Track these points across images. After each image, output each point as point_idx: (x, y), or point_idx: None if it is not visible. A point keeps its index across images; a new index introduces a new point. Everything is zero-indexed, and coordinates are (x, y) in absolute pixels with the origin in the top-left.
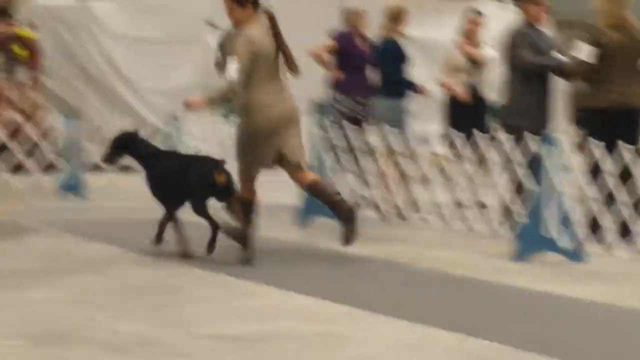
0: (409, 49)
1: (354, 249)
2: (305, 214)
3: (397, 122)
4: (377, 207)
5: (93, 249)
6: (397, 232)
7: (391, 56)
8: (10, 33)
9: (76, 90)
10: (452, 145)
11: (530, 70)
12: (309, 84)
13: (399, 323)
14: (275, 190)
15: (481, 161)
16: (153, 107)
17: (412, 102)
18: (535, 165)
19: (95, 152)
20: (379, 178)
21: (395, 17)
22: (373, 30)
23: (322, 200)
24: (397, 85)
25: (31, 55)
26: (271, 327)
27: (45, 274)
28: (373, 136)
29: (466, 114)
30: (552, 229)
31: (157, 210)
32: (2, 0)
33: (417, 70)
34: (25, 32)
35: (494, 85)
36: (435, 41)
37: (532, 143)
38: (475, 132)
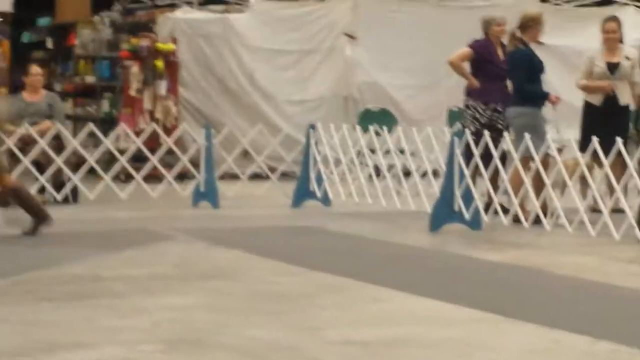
0: (545, 57)
1: (487, 254)
2: (436, 220)
3: (533, 129)
4: (512, 213)
5: (225, 256)
6: (531, 237)
7: (523, 65)
8: (151, 47)
9: (213, 101)
10: (589, 151)
11: None
12: (447, 91)
13: (529, 327)
14: (406, 196)
15: (619, 167)
16: (289, 117)
17: (549, 109)
18: None
19: (230, 161)
20: (515, 184)
21: (528, 25)
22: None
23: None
24: (531, 93)
25: (170, 68)
26: (401, 333)
27: (179, 280)
28: (509, 143)
29: (604, 120)
30: None
31: (288, 217)
32: (144, 15)
33: (556, 78)
34: (165, 45)
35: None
36: (574, 48)
37: None
38: (612, 137)
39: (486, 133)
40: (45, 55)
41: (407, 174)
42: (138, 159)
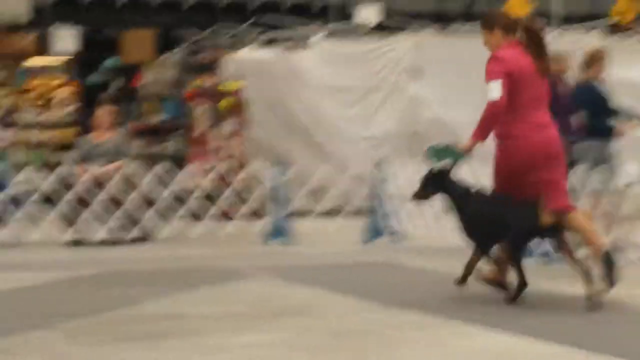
0: (612, 91)
1: (563, 288)
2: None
3: (602, 162)
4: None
5: (301, 293)
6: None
7: (589, 99)
8: (217, 87)
9: (280, 138)
10: None
11: None
12: None
13: None
14: None
15: None
16: (356, 154)
17: (617, 142)
18: None
19: (299, 198)
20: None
21: (592, 60)
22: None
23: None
24: (598, 127)
25: (236, 106)
26: None
27: (257, 317)
28: (579, 177)
29: None
30: None
31: (360, 254)
32: (209, 55)
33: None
34: (231, 84)
35: None
36: None
37: None
38: None
39: None
40: (112, 96)
41: None
42: (208, 198)
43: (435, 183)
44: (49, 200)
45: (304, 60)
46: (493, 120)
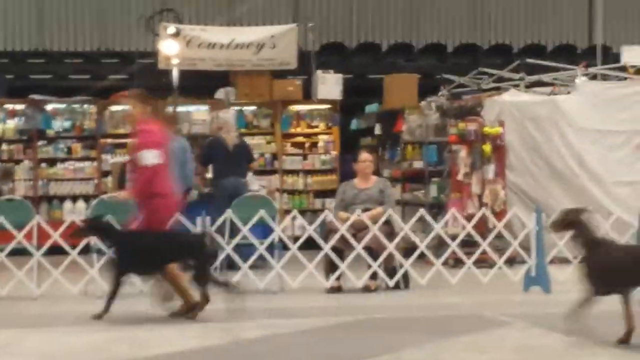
0: None
1: None
2: None
3: None
4: None
5: (562, 342)
6: None
7: None
8: (479, 131)
9: (541, 184)
10: None
11: None
12: None
13: None
14: None
15: None
16: (619, 199)
17: None
18: None
19: (561, 245)
20: None
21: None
22: None
23: None
24: None
25: (497, 151)
26: None
27: None
28: None
29: None
30: None
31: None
32: (471, 99)
33: None
34: (493, 129)
35: None
36: None
37: None
38: None
39: None
40: (373, 142)
41: None
42: (467, 244)
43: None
44: (311, 246)
45: (568, 103)
46: None
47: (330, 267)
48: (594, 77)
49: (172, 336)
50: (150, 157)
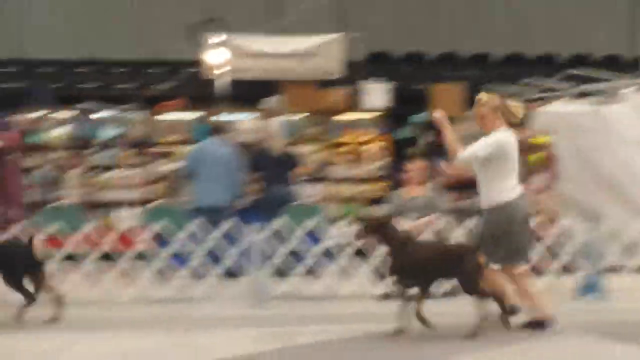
0: None
1: None
2: None
3: None
4: None
5: (614, 350)
6: None
7: None
8: (527, 141)
9: (591, 194)
10: None
11: None
12: None
13: None
14: None
15: None
16: None
17: None
18: None
19: (612, 254)
20: None
21: None
22: None
23: None
24: None
25: (546, 161)
26: None
27: None
28: None
29: None
30: None
31: None
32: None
33: None
34: (541, 138)
35: None
36: None
37: None
38: None
39: None
40: (421, 151)
41: None
42: None
43: None
44: (361, 253)
45: (615, 114)
46: None
47: (382, 274)
48: None
49: (228, 341)
50: None
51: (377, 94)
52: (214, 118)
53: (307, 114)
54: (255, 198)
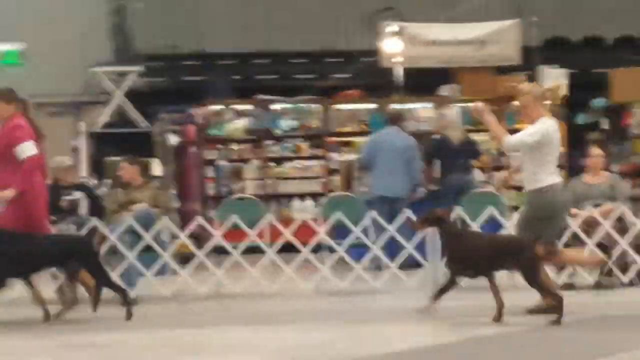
0: None
1: None
2: None
3: None
4: None
5: None
6: None
7: None
8: None
9: None
10: None
11: None
12: None
13: None
14: None
15: None
16: None
17: None
18: None
19: None
20: None
21: None
22: None
23: None
24: None
25: None
26: None
27: None
28: None
29: None
30: None
31: None
32: None
33: None
34: None
35: None
36: None
37: None
38: None
39: None
40: (601, 137)
41: None
42: None
43: None
44: None
45: None
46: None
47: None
48: None
49: (404, 333)
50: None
51: (554, 80)
52: (391, 107)
53: (485, 100)
54: (433, 188)
